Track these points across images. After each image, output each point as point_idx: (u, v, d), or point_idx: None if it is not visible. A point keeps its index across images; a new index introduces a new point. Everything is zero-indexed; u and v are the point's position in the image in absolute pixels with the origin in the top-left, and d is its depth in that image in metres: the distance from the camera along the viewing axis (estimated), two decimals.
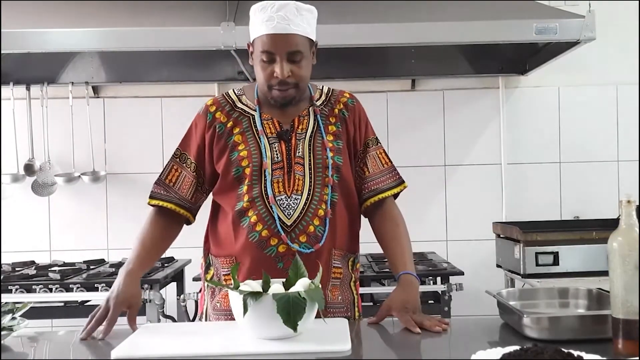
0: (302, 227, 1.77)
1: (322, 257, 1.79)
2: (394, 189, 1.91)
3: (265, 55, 1.75)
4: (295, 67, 1.76)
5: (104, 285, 2.89)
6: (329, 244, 1.81)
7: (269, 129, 1.83)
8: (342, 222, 1.85)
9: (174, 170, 1.88)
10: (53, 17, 3.01)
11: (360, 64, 3.60)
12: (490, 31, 2.95)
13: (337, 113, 1.88)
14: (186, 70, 3.63)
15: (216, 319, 1.85)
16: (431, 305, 3.00)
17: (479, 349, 1.36)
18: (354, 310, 1.89)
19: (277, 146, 1.81)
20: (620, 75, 3.71)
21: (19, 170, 3.60)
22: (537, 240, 2.96)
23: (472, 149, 3.75)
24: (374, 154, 1.92)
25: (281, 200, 1.77)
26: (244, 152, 1.80)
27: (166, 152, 3.61)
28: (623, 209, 1.38)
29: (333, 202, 1.81)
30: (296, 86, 1.78)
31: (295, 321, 1.45)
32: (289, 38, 1.73)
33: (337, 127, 1.87)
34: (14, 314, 1.64)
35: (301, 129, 1.83)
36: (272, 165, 1.79)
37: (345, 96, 1.93)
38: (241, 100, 1.88)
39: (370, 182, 1.90)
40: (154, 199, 1.88)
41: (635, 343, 1.34)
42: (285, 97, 1.79)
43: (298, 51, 1.74)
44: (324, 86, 1.95)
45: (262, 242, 1.76)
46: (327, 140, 1.83)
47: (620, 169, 3.73)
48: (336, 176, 1.82)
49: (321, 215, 1.79)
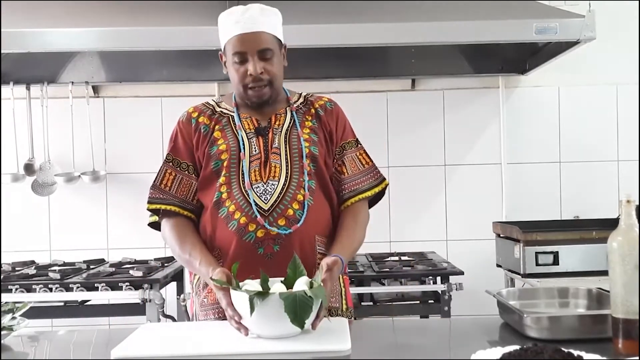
0: (280, 210, 1.78)
1: (305, 242, 1.79)
2: (375, 187, 1.94)
3: (237, 56, 1.82)
4: (267, 65, 1.81)
5: (104, 285, 2.89)
6: (312, 229, 1.81)
7: (247, 125, 1.88)
8: (322, 210, 1.86)
9: (169, 174, 1.90)
10: (53, 17, 3.00)
11: (361, 64, 3.59)
12: (490, 31, 2.95)
13: (313, 112, 1.94)
14: (186, 70, 3.63)
15: (204, 314, 1.84)
16: (431, 305, 3.00)
17: (479, 349, 1.36)
18: (341, 302, 1.88)
19: (255, 140, 1.86)
20: (620, 75, 3.71)
21: (19, 170, 3.60)
22: (537, 240, 2.96)
23: (472, 148, 3.75)
24: (353, 155, 1.95)
25: (258, 187, 1.80)
26: (222, 146, 1.85)
27: (166, 152, 3.58)
28: (623, 208, 1.38)
29: (311, 188, 1.83)
30: (270, 84, 1.83)
31: (303, 320, 1.47)
32: (257, 36, 1.80)
33: (313, 123, 1.91)
34: (14, 314, 1.64)
35: (278, 124, 1.88)
36: (250, 157, 1.83)
37: (324, 99, 1.98)
38: (220, 105, 1.95)
39: (350, 182, 1.92)
40: (153, 203, 1.88)
41: (635, 343, 1.34)
42: (260, 96, 1.84)
43: (268, 48, 1.81)
44: (302, 92, 2.01)
45: (240, 229, 1.77)
46: (302, 132, 1.88)
47: (620, 169, 3.72)
48: (312, 165, 1.85)
49: (300, 199, 1.81)
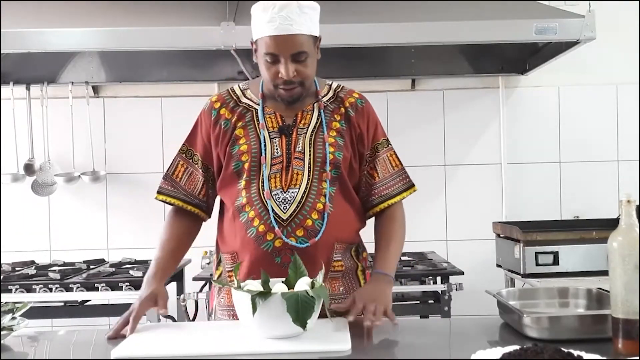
0: (299, 220, 1.75)
1: (322, 251, 1.77)
2: (403, 192, 1.91)
3: (269, 57, 1.73)
4: (300, 67, 1.74)
5: (104, 285, 2.89)
6: (331, 237, 1.78)
7: (271, 123, 1.82)
8: (342, 215, 1.82)
9: (180, 165, 1.89)
10: (53, 17, 3.00)
11: (361, 64, 3.60)
12: (490, 31, 2.95)
13: (342, 112, 1.86)
14: (186, 70, 3.63)
15: (221, 314, 1.86)
16: (431, 305, 3.00)
17: (479, 349, 1.36)
18: None
19: (278, 141, 1.80)
20: (620, 75, 3.71)
21: (19, 170, 3.60)
22: (537, 240, 2.95)
23: (472, 148, 3.75)
24: (384, 157, 1.90)
25: (277, 195, 1.76)
26: (244, 146, 1.80)
27: (166, 152, 3.60)
28: (623, 208, 1.38)
29: (331, 195, 1.79)
30: (302, 84, 1.77)
31: (305, 319, 1.46)
32: (292, 39, 1.71)
33: (341, 124, 1.84)
34: (14, 314, 1.64)
35: (303, 123, 1.82)
36: (272, 160, 1.78)
37: (354, 96, 1.90)
38: (245, 94, 1.88)
39: (381, 187, 1.88)
40: (161, 194, 1.89)
41: (635, 343, 1.34)
42: (291, 96, 1.78)
43: (302, 51, 1.72)
44: (333, 82, 1.93)
45: (259, 237, 1.76)
46: (329, 135, 1.81)
47: (620, 169, 3.73)
48: (335, 171, 1.80)
49: (320, 209, 1.77)
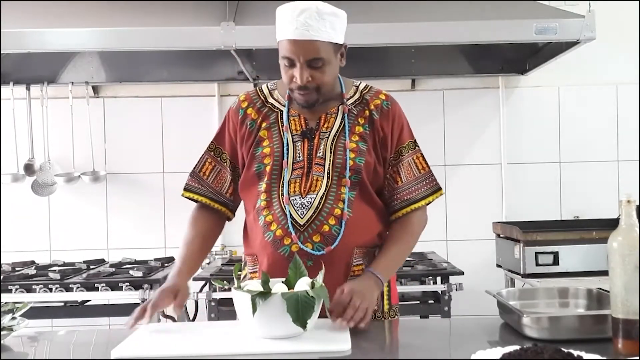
0: (316, 226, 1.74)
1: (341, 256, 1.75)
2: (429, 197, 1.87)
3: (286, 60, 1.72)
4: (316, 73, 1.71)
5: (104, 285, 2.89)
6: (350, 243, 1.76)
7: (295, 126, 1.81)
8: (362, 220, 1.79)
9: (208, 163, 1.88)
10: (53, 17, 3.00)
11: (360, 64, 3.59)
12: (490, 31, 2.95)
13: (367, 115, 1.83)
14: (186, 70, 3.63)
15: None
16: (431, 305, 3.00)
17: (479, 349, 1.36)
18: (381, 303, 1.84)
19: (300, 145, 1.79)
20: (620, 75, 3.71)
21: (19, 170, 3.60)
22: (537, 240, 2.95)
23: (472, 149, 3.75)
24: (409, 160, 1.87)
25: (295, 200, 1.75)
26: (267, 149, 1.80)
27: (166, 152, 3.61)
28: (623, 208, 1.38)
29: (350, 200, 1.77)
30: (317, 90, 1.74)
31: (305, 320, 1.46)
32: (308, 45, 1.68)
33: (365, 128, 1.81)
34: (14, 314, 1.64)
35: (326, 127, 1.80)
36: (293, 164, 1.78)
37: (381, 98, 1.86)
38: (272, 95, 1.87)
39: (404, 191, 1.84)
40: (188, 191, 1.89)
41: (635, 343, 1.34)
42: (307, 101, 1.76)
43: (318, 58, 1.70)
44: (361, 83, 1.90)
45: (276, 242, 1.75)
46: (350, 140, 1.79)
47: (620, 169, 3.72)
48: (354, 177, 1.78)
49: (337, 214, 1.75)
